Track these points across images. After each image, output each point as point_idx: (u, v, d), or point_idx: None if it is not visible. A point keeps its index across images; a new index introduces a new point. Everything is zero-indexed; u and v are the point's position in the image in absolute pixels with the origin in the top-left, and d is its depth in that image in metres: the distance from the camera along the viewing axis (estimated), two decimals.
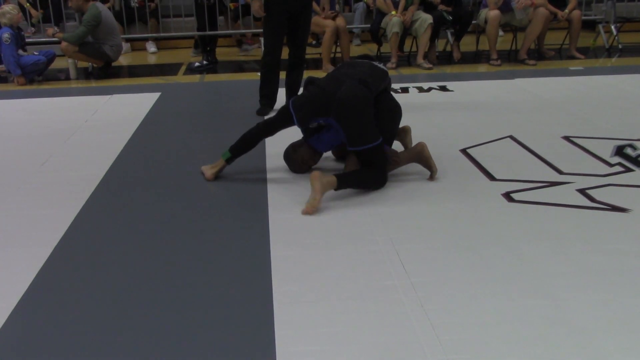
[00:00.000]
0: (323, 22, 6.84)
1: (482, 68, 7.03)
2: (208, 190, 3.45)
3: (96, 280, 2.50)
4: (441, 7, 7.11)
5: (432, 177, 3.45)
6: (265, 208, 3.14)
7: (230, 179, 3.62)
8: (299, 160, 3.62)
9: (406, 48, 7.55)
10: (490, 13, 6.90)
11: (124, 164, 3.94)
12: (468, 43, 7.83)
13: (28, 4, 8.43)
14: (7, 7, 6.73)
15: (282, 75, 5.09)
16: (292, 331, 2.10)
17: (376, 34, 7.22)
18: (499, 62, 7.02)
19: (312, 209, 3.04)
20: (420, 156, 3.47)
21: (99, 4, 6.83)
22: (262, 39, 7.27)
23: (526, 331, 2.06)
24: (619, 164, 3.64)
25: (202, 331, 2.13)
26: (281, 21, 4.78)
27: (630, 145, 3.94)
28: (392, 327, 2.10)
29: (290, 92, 5.18)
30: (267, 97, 5.04)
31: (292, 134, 3.70)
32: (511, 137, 4.23)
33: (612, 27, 7.98)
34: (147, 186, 3.54)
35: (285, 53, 5.03)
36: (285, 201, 3.22)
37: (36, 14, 8.50)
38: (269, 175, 3.61)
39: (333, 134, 3.47)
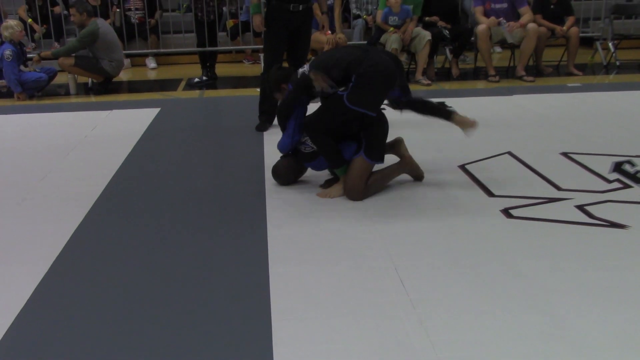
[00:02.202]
0: (323, 39, 6.87)
1: (481, 84, 7.06)
2: (206, 207, 3.44)
3: (94, 296, 2.49)
4: (440, 23, 7.16)
5: (419, 179, 3.65)
6: (264, 224, 3.13)
7: (228, 195, 3.62)
8: (285, 169, 3.66)
9: (405, 64, 7.58)
10: (479, 28, 6.94)
11: (122, 180, 3.94)
12: (467, 59, 7.87)
13: (30, 19, 8.48)
14: (12, 22, 6.77)
15: None
16: (290, 348, 2.09)
17: None
18: (497, 78, 7.05)
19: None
20: (410, 166, 3.60)
21: (99, 21, 6.86)
22: (262, 55, 7.30)
23: (526, 348, 2.05)
24: (618, 180, 3.65)
25: (200, 347, 2.12)
26: (281, 37, 4.80)
27: (629, 162, 3.95)
28: (391, 344, 2.09)
29: None
30: (267, 112, 5.05)
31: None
32: (510, 153, 4.24)
33: (610, 44, 8.04)
34: (145, 202, 3.54)
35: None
36: (284, 217, 3.22)
37: (39, 29, 8.55)
38: (267, 191, 3.61)
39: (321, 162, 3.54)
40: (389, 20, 6.92)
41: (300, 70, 3.49)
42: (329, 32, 6.86)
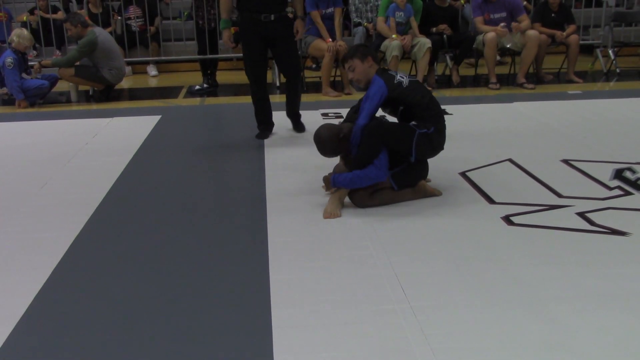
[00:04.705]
0: (323, 46, 6.88)
1: (481, 92, 7.06)
2: (206, 214, 3.44)
3: (94, 304, 2.48)
4: (447, 31, 7.17)
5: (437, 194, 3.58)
6: (264, 231, 3.13)
7: (229, 202, 3.62)
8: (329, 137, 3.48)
9: (405, 71, 7.58)
10: (487, 36, 6.96)
11: (124, 187, 3.94)
12: (467, 66, 7.89)
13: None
14: (26, 33, 6.81)
15: (281, 98, 5.11)
16: (291, 356, 2.08)
17: None
18: (497, 85, 7.05)
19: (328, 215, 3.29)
20: (425, 192, 3.54)
21: (97, 30, 6.85)
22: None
23: (527, 355, 2.04)
24: (618, 187, 3.65)
25: (201, 356, 2.11)
26: (255, 47, 4.66)
27: (629, 169, 3.95)
28: (392, 352, 2.09)
29: (291, 116, 5.16)
30: (264, 122, 5.00)
31: (291, 154, 3.65)
32: (510, 160, 4.24)
33: (610, 51, 8.05)
34: (145, 210, 3.54)
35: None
36: (284, 224, 3.21)
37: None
38: (268, 198, 3.61)
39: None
40: (396, 15, 6.92)
41: (399, 78, 3.49)
42: (330, 39, 6.90)
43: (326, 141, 3.47)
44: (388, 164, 3.37)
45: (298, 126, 5.18)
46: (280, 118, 5.17)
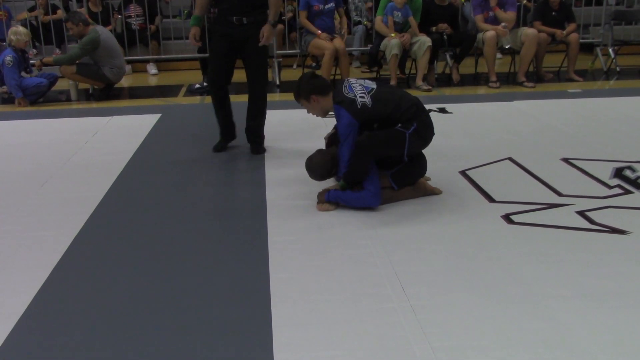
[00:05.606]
0: (322, 45, 6.89)
1: (481, 90, 7.06)
2: (207, 213, 3.44)
3: (94, 302, 2.49)
4: (448, 31, 7.17)
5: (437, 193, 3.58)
6: (265, 230, 3.13)
7: (229, 202, 3.62)
8: (320, 164, 3.52)
9: (405, 70, 7.59)
10: (487, 34, 6.96)
11: (123, 186, 3.94)
12: (467, 65, 7.89)
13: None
14: (21, 29, 6.82)
15: (280, 97, 5.10)
16: (291, 355, 2.09)
17: (375, 57, 7.27)
18: (497, 84, 7.06)
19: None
20: (424, 191, 3.54)
21: (99, 28, 6.87)
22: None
23: (527, 354, 2.05)
24: (618, 185, 3.65)
25: (201, 353, 2.11)
26: (222, 51, 4.37)
27: (629, 167, 3.95)
28: (392, 351, 2.09)
29: (249, 133, 4.64)
30: (221, 128, 4.71)
31: (291, 153, 3.66)
32: (510, 159, 4.24)
33: (610, 50, 8.05)
34: (145, 209, 3.54)
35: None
36: (285, 223, 3.22)
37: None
38: (268, 198, 3.61)
39: None
40: (394, 15, 6.92)
41: (360, 100, 3.30)
42: (320, 32, 6.92)
43: (317, 170, 3.53)
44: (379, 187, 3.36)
45: (257, 148, 4.60)
46: (276, 117, 5.17)
